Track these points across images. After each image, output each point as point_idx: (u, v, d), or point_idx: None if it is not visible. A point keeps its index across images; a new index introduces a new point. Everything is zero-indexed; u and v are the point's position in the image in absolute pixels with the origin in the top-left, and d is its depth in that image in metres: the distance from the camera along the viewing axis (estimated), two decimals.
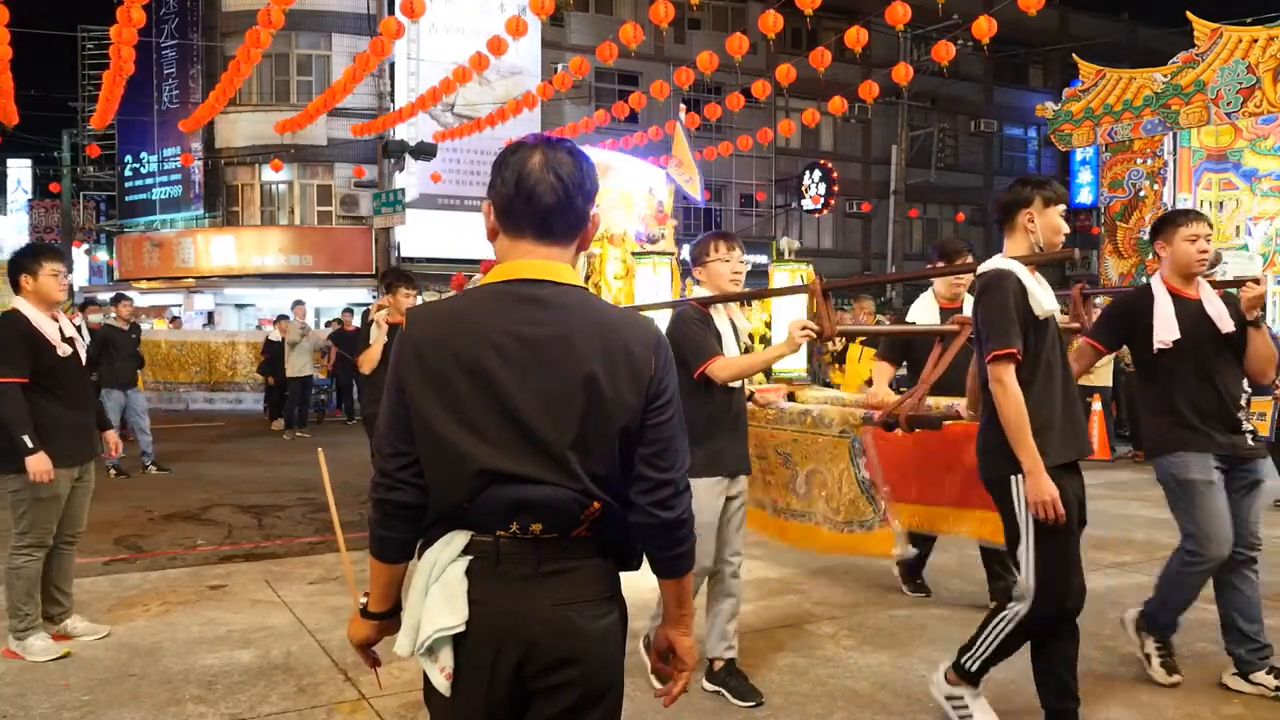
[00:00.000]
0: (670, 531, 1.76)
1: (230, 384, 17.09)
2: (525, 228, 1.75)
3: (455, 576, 1.69)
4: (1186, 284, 3.87)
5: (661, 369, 1.76)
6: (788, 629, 4.75)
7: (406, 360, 1.72)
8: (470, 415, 1.67)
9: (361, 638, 1.91)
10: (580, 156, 1.78)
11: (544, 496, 1.67)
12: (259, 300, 24.30)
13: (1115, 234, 13.78)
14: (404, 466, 1.74)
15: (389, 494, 1.75)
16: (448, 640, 1.68)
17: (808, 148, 29.68)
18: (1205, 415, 3.77)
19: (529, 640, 1.68)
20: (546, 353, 1.68)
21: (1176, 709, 3.75)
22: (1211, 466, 3.77)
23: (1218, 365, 3.78)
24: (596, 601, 1.74)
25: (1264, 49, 11.72)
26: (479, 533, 1.70)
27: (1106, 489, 8.93)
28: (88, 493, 4.66)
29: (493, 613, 1.68)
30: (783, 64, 11.74)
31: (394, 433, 1.75)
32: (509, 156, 1.77)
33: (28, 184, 32.89)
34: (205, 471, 10.15)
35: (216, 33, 23.79)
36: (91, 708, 3.78)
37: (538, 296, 1.71)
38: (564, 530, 1.70)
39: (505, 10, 21.25)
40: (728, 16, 27.90)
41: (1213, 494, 3.75)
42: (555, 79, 15.03)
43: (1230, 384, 3.83)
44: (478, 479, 1.67)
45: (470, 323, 1.71)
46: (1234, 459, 3.84)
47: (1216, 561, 3.75)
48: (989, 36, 10.10)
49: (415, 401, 1.71)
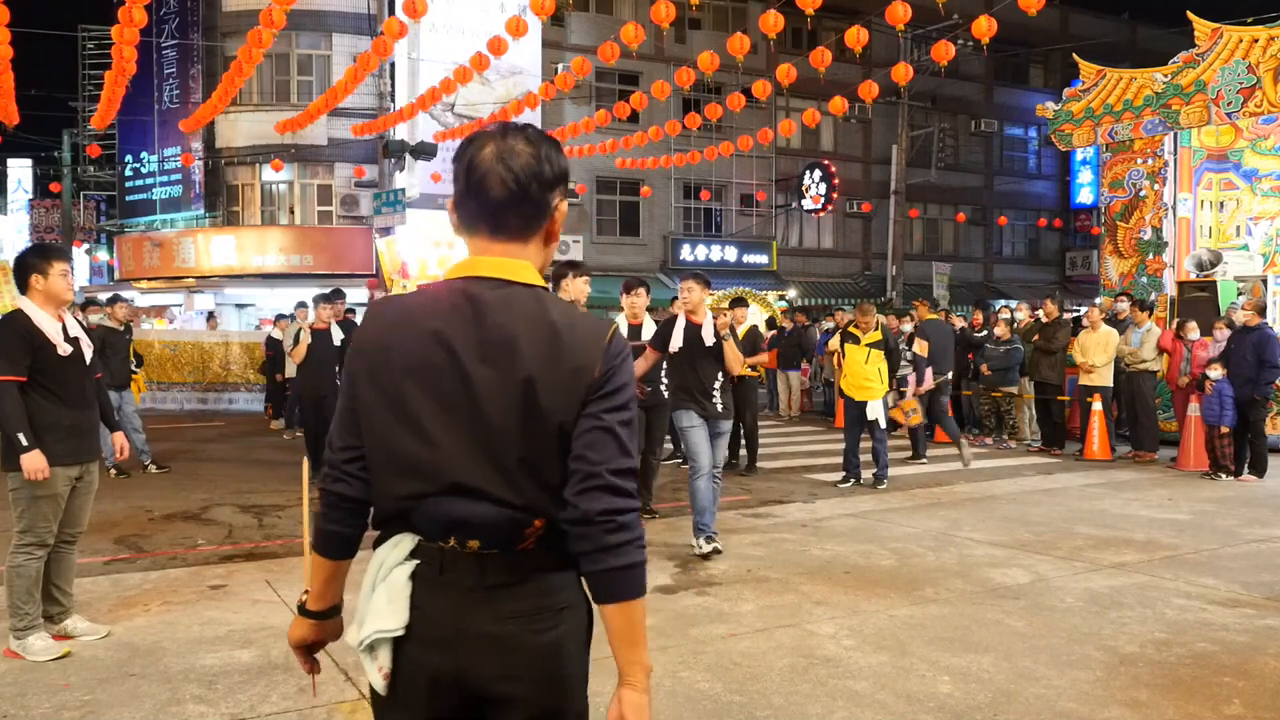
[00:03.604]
0: (594, 532, 1.58)
1: (224, 384, 17.06)
2: (478, 224, 1.68)
3: (400, 580, 1.64)
4: (695, 314, 6.43)
5: (609, 373, 1.64)
6: (788, 629, 4.76)
7: (356, 359, 1.69)
8: (414, 418, 1.62)
9: (297, 638, 1.83)
10: (539, 142, 1.67)
11: (479, 515, 1.60)
12: (259, 300, 24.30)
13: (1116, 234, 13.76)
14: (350, 460, 1.71)
15: (333, 485, 1.72)
16: (388, 641, 1.64)
17: (808, 147, 29.67)
18: (690, 390, 6.40)
19: (469, 653, 1.62)
20: (490, 354, 1.61)
21: (1176, 709, 3.76)
22: (695, 416, 6.37)
23: (701, 362, 6.36)
24: (544, 614, 1.64)
25: (1264, 49, 11.71)
26: (425, 539, 1.65)
27: (1106, 489, 8.94)
28: (90, 492, 4.65)
29: (433, 621, 1.62)
30: (783, 64, 11.73)
31: (344, 427, 1.72)
32: (464, 149, 1.68)
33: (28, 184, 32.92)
34: (205, 471, 10.15)
35: (217, 33, 23.79)
36: (92, 707, 3.79)
37: (487, 296, 1.64)
38: (505, 546, 1.62)
39: (506, 10, 21.24)
40: (728, 16, 27.89)
41: (694, 432, 6.36)
42: (556, 79, 15.05)
43: (705, 374, 6.37)
44: (417, 487, 1.62)
45: (419, 322, 1.65)
46: (707, 417, 6.37)
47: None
48: (989, 36, 10.10)
49: (363, 401, 1.67)
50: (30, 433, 4.24)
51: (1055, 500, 8.37)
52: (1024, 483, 9.34)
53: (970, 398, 12.77)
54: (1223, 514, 7.74)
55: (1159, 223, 13.32)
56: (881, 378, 9.06)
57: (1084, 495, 8.62)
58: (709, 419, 6.41)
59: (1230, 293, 12.17)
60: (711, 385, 6.40)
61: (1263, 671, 4.16)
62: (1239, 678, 4.08)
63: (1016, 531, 7.02)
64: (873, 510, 7.88)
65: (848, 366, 9.29)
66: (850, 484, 9.03)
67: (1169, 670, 4.17)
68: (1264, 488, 9.19)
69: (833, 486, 9.01)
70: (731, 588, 5.50)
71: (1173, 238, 13.35)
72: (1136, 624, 4.81)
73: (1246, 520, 7.49)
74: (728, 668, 4.20)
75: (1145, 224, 13.45)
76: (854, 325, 9.29)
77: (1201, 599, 5.27)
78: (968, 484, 9.20)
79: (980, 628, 4.72)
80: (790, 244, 30.09)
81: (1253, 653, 4.40)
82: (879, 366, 9.02)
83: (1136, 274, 13.49)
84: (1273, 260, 13.65)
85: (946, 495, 8.59)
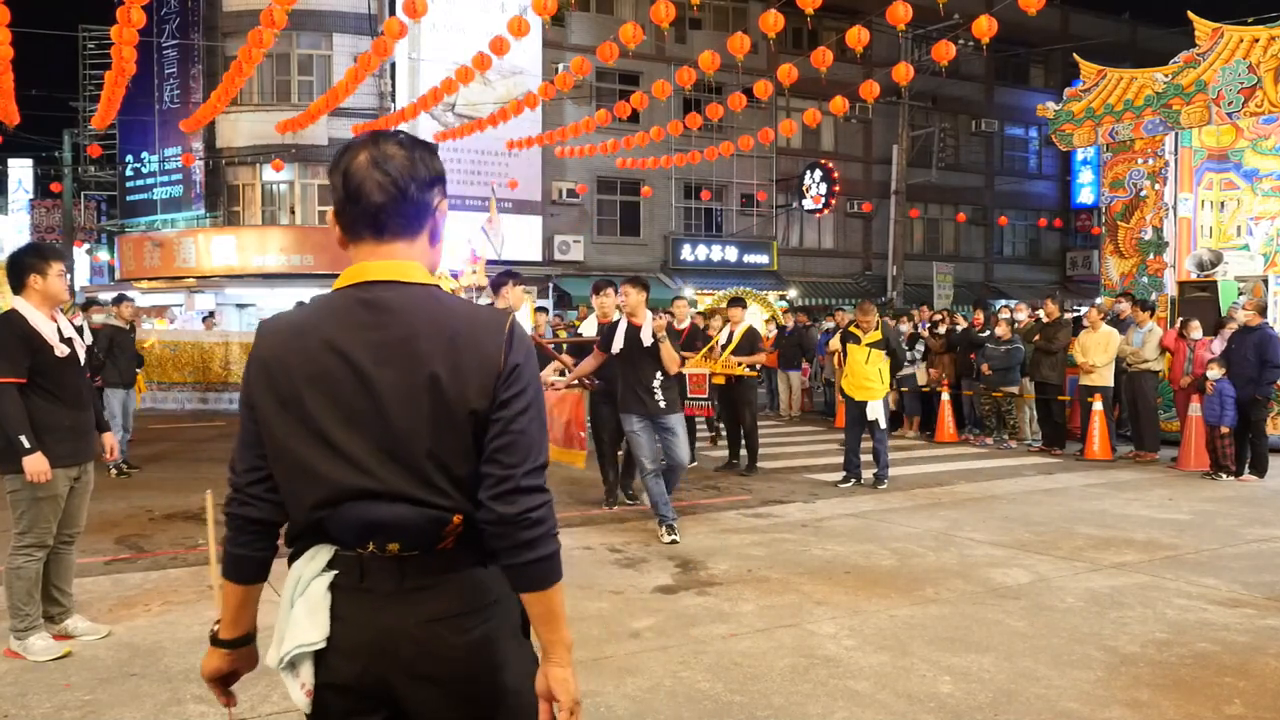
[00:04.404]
0: (511, 531, 1.60)
1: (225, 384, 17.05)
2: (362, 229, 1.67)
3: (318, 592, 1.63)
4: (635, 316, 6.67)
5: (512, 362, 1.64)
6: (788, 629, 4.76)
7: (254, 377, 1.68)
8: (319, 429, 1.62)
9: (212, 669, 1.78)
10: (413, 146, 1.69)
11: (397, 516, 1.60)
12: (260, 300, 24.30)
13: (1116, 234, 13.75)
14: (256, 482, 1.69)
15: (241, 509, 1.70)
16: (309, 656, 1.63)
17: (809, 147, 29.66)
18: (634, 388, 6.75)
19: (393, 658, 1.61)
20: (389, 356, 1.61)
21: (1177, 709, 3.75)
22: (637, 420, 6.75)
23: (640, 362, 6.67)
24: (469, 614, 1.64)
25: (1265, 49, 11.70)
26: (342, 548, 1.64)
27: (1106, 489, 8.93)
28: (86, 492, 4.65)
29: (356, 629, 1.61)
30: (784, 64, 11.75)
31: (246, 448, 1.70)
32: (339, 159, 1.68)
33: (29, 184, 32.93)
34: (206, 471, 10.14)
35: (217, 32, 23.81)
36: (93, 707, 3.79)
37: (380, 299, 1.64)
38: (425, 547, 1.62)
39: (506, 10, 21.25)
40: (729, 16, 27.88)
41: (636, 436, 6.77)
42: (556, 79, 15.04)
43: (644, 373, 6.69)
44: (330, 496, 1.61)
45: (313, 333, 1.64)
46: (650, 415, 6.71)
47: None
48: (989, 36, 10.10)
49: (264, 418, 1.66)
50: (32, 435, 4.24)
51: (1056, 500, 8.37)
52: (1024, 483, 9.33)
53: (971, 398, 12.76)
54: (1224, 514, 7.73)
55: (1160, 223, 13.32)
56: (882, 378, 9.06)
57: (1085, 495, 8.62)
58: (651, 417, 6.76)
59: (1231, 293, 12.15)
60: (651, 383, 6.74)
61: (1264, 672, 4.16)
62: (1240, 678, 4.08)
63: (1017, 531, 7.02)
64: (873, 510, 7.88)
65: (848, 366, 9.28)
66: (851, 484, 9.03)
67: (1170, 670, 4.17)
68: (1265, 488, 9.19)
69: (833, 486, 9.00)
70: (732, 588, 5.50)
71: (1173, 238, 13.34)
72: (1137, 624, 4.80)
73: (1247, 520, 7.49)
74: (728, 668, 4.20)
75: (1146, 224, 13.44)
76: (855, 325, 9.29)
77: (1202, 599, 5.26)
78: (968, 484, 9.20)
79: (981, 628, 4.72)
80: (791, 244, 30.09)
81: (1254, 653, 4.40)
82: (880, 366, 9.02)
83: (1137, 274, 13.48)
84: (1273, 260, 13.63)
85: (947, 495, 8.59)
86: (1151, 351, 10.95)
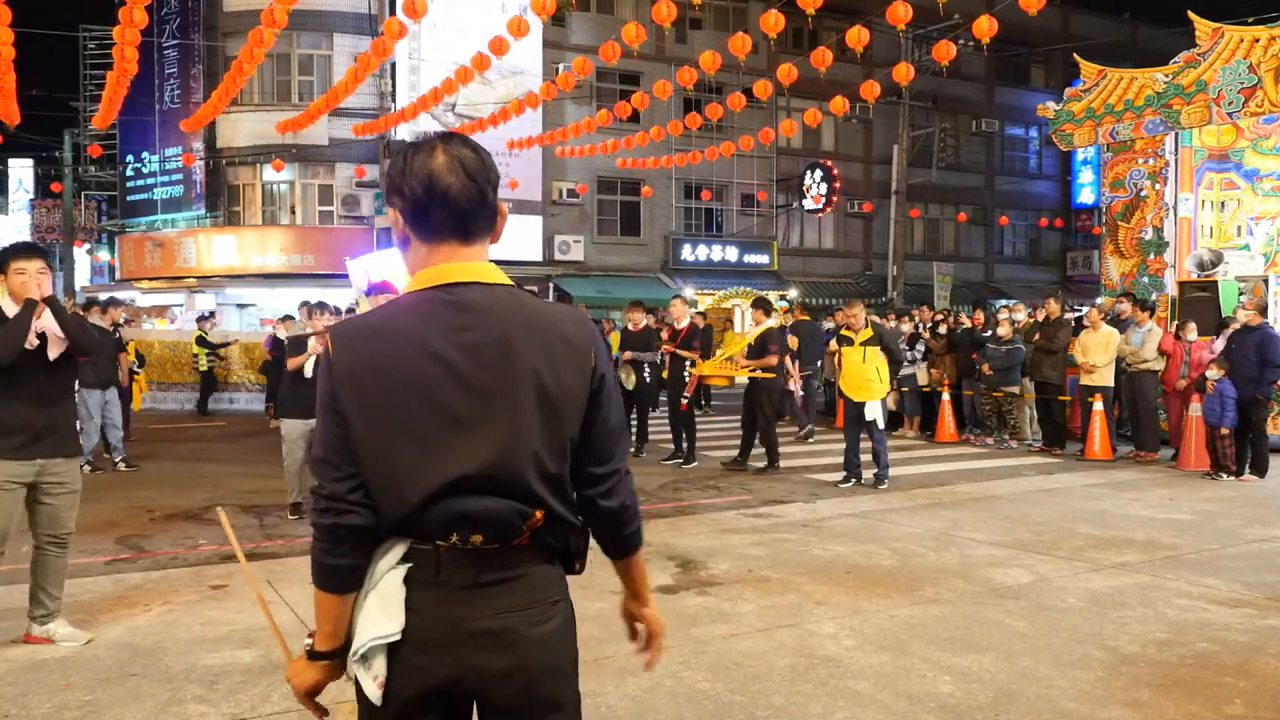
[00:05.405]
0: (618, 517, 1.80)
1: (225, 384, 17.04)
2: (446, 232, 1.69)
3: (393, 584, 1.65)
4: None
5: (599, 356, 1.74)
6: (788, 629, 4.76)
7: (341, 383, 1.65)
8: (417, 431, 1.63)
9: (310, 684, 1.77)
10: (477, 148, 1.73)
11: (486, 509, 1.63)
12: (260, 300, 24.32)
13: (1117, 234, 13.76)
14: (354, 489, 1.66)
15: (341, 518, 1.65)
16: (382, 649, 1.64)
17: (809, 147, 29.66)
18: None
19: (468, 649, 1.64)
20: (487, 356, 1.64)
21: (1177, 709, 3.75)
22: None
23: None
24: (540, 607, 1.69)
25: (1265, 49, 11.70)
26: (418, 541, 1.65)
27: (1106, 489, 8.93)
28: (66, 493, 4.52)
29: (431, 621, 1.63)
30: (784, 64, 11.75)
31: (337, 456, 1.66)
32: (410, 160, 1.68)
33: (29, 184, 32.97)
34: (206, 471, 10.15)
35: (218, 32, 23.81)
36: (93, 707, 3.78)
37: (467, 300, 1.66)
38: (504, 540, 1.66)
39: (506, 10, 21.25)
40: (729, 16, 27.88)
41: None
42: (557, 79, 15.06)
43: None
44: (427, 494, 1.63)
45: (404, 337, 1.65)
46: None
47: None
48: (990, 36, 10.10)
49: (356, 424, 1.64)
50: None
51: (1056, 500, 8.36)
52: (1025, 483, 9.33)
53: (972, 397, 12.77)
54: (1224, 514, 7.73)
55: (1160, 223, 13.32)
56: (881, 377, 9.04)
57: (1085, 495, 8.62)
58: None
59: (1231, 293, 12.15)
60: None
61: (1264, 672, 4.16)
62: (1240, 678, 4.08)
63: (1017, 531, 7.02)
64: (873, 510, 7.88)
65: (845, 367, 9.28)
66: (851, 484, 9.03)
67: (1170, 670, 4.17)
68: (1265, 488, 9.18)
69: (833, 486, 9.00)
70: (732, 588, 5.50)
71: (1174, 238, 13.34)
72: (1138, 624, 4.80)
73: (1248, 520, 7.48)
74: (729, 668, 4.20)
75: (1146, 224, 13.44)
76: (845, 327, 9.31)
77: (1203, 599, 5.26)
78: (968, 484, 9.20)
79: (981, 628, 4.72)
80: (791, 244, 30.09)
81: (1254, 653, 4.39)
82: (877, 365, 9.00)
83: (1137, 274, 13.49)
84: (1274, 260, 13.63)
85: (947, 495, 8.59)
86: (1151, 351, 10.95)
